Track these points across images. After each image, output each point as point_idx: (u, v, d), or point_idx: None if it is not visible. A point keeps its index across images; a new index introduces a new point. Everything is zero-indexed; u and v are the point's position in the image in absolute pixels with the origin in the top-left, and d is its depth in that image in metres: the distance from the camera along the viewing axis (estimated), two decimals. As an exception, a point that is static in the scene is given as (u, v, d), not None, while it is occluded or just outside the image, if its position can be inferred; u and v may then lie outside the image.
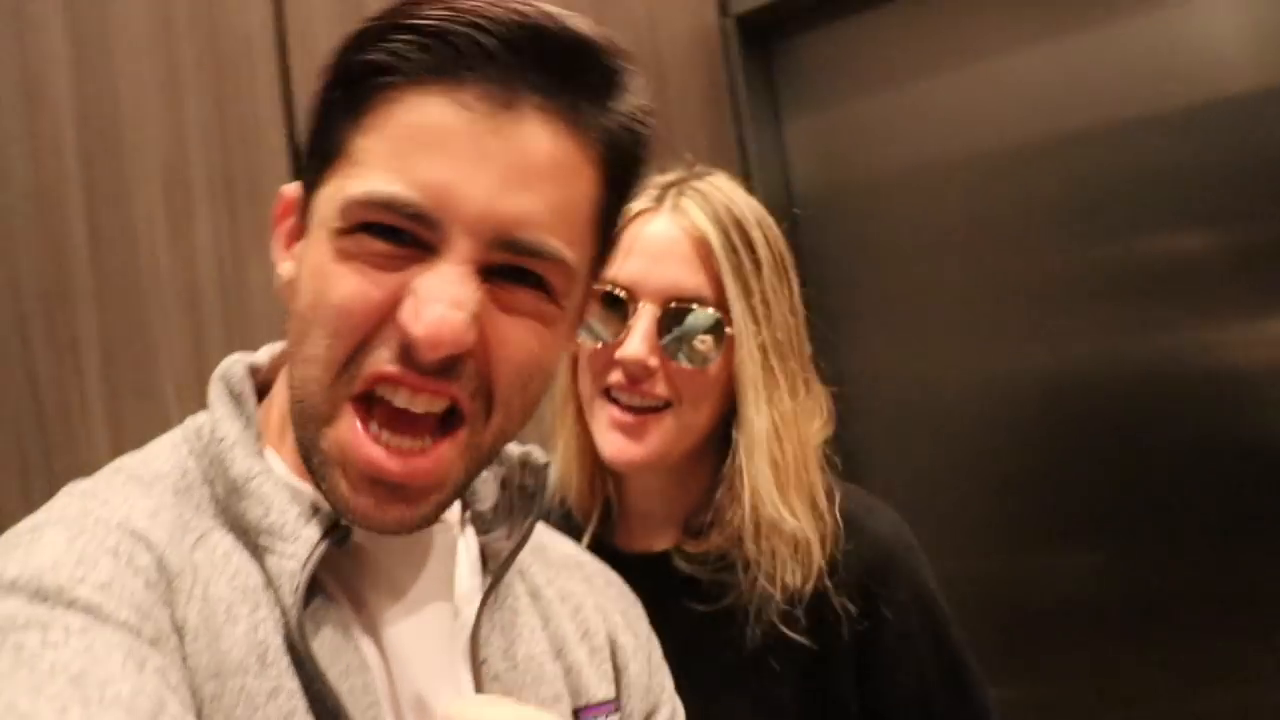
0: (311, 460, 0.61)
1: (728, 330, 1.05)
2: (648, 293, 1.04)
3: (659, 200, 1.08)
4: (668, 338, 1.05)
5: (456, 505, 0.74)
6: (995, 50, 1.72)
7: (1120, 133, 1.60)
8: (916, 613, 1.10)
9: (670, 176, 1.11)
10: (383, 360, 0.59)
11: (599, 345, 1.06)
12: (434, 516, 0.64)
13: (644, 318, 1.04)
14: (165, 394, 1.09)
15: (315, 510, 0.63)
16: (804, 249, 1.93)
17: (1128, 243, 1.61)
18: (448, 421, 0.61)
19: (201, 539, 0.62)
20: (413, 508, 0.61)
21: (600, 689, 0.77)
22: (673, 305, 1.04)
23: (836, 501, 1.08)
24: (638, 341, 1.03)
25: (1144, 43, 1.58)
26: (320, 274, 0.60)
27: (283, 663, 0.59)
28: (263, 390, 0.70)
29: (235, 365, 0.69)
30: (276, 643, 0.59)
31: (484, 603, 0.70)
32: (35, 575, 0.54)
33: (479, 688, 0.69)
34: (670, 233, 1.06)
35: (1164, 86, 1.58)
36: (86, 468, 1.02)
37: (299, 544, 0.61)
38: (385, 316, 0.59)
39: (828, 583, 1.04)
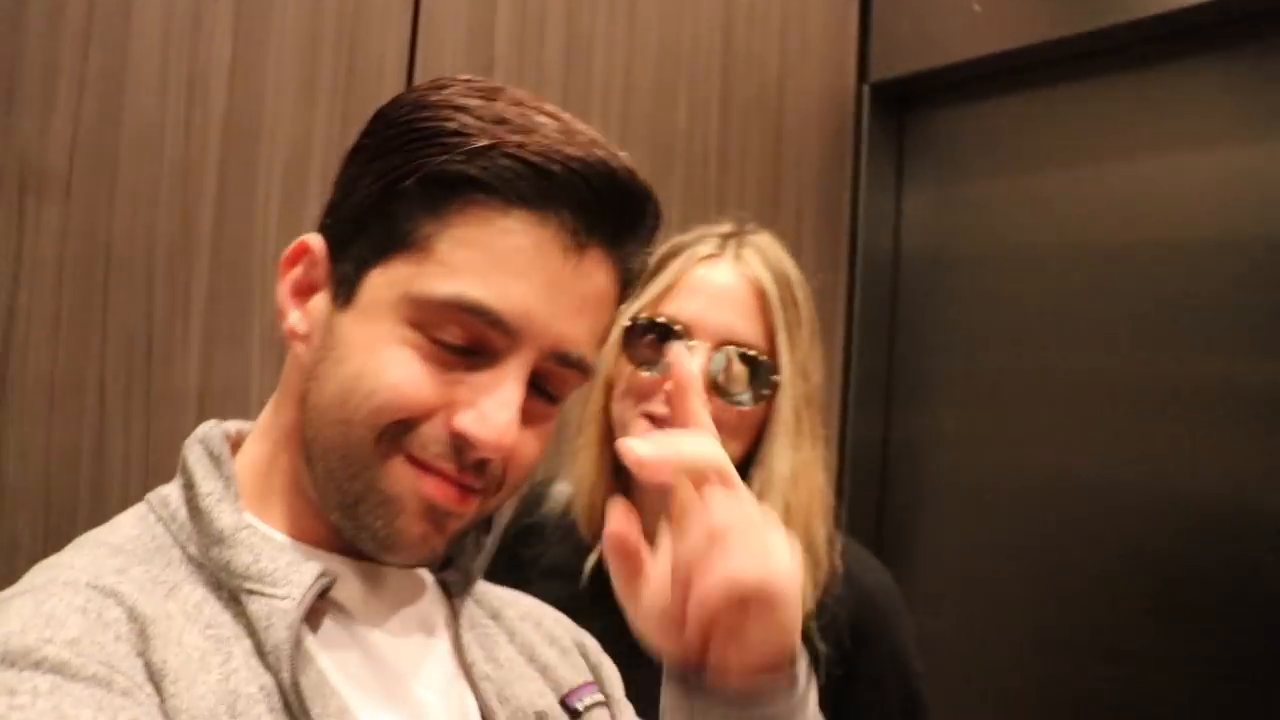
0: (363, 504, 0.66)
1: (774, 379, 1.13)
2: (706, 332, 1.12)
3: (721, 248, 1.17)
4: (719, 376, 1.12)
5: None
6: (1120, 153, 1.75)
7: (1231, 251, 1.59)
8: (893, 668, 1.17)
9: (726, 227, 1.19)
10: (433, 449, 0.65)
11: (649, 374, 1.13)
12: (441, 554, 0.70)
13: (698, 354, 1.11)
14: (252, 346, 1.33)
15: (303, 560, 0.67)
16: (900, 316, 2.00)
17: (1223, 360, 1.59)
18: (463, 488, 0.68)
19: (173, 590, 0.64)
20: (442, 537, 0.68)
21: (577, 676, 0.82)
22: (727, 347, 1.12)
23: (837, 550, 1.16)
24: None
25: (1267, 167, 1.57)
26: (372, 350, 0.65)
27: (254, 711, 0.60)
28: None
29: (213, 430, 0.73)
30: (249, 691, 0.61)
31: (458, 615, 0.76)
32: (2, 640, 0.55)
33: (474, 689, 0.73)
34: (732, 279, 1.14)
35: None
36: (177, 395, 1.27)
37: (292, 587, 0.64)
38: (432, 410, 0.64)
39: (812, 624, 1.10)
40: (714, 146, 1.82)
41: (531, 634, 0.83)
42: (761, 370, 1.13)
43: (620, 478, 1.16)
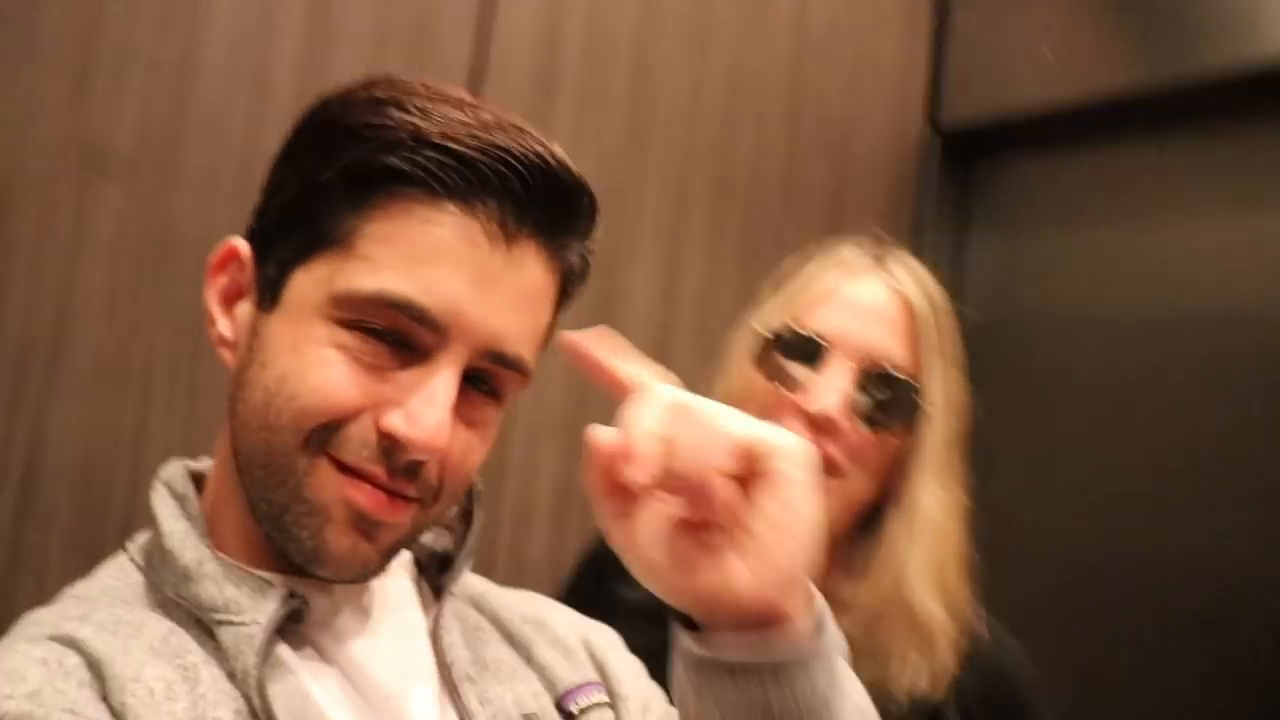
0: (288, 514, 0.64)
1: (924, 406, 1.02)
2: (849, 348, 1.01)
3: (874, 259, 1.07)
4: (861, 398, 1.00)
5: (403, 555, 0.77)
6: (1196, 214, 1.70)
7: None
8: None
9: (869, 240, 1.11)
10: (361, 453, 0.63)
11: (779, 389, 1.02)
12: (383, 566, 0.68)
13: (841, 372, 1.00)
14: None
15: (268, 585, 0.66)
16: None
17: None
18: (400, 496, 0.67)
19: (138, 628, 0.64)
20: (376, 549, 0.66)
21: (577, 676, 0.79)
22: (872, 367, 1.01)
23: (978, 615, 1.04)
24: (833, 396, 0.99)
25: None
26: (297, 352, 0.64)
27: None
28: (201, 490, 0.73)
29: (176, 469, 0.73)
30: (217, 715, 0.60)
31: (439, 614, 0.74)
32: None
33: (452, 691, 0.72)
34: (881, 294, 1.04)
35: None
36: (220, 383, 1.25)
37: (258, 613, 0.64)
38: (359, 410, 0.63)
39: (950, 700, 0.99)
40: (777, 181, 1.81)
41: (533, 635, 0.81)
42: (908, 395, 1.02)
43: None
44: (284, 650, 0.66)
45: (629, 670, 0.83)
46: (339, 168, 0.64)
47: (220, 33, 1.29)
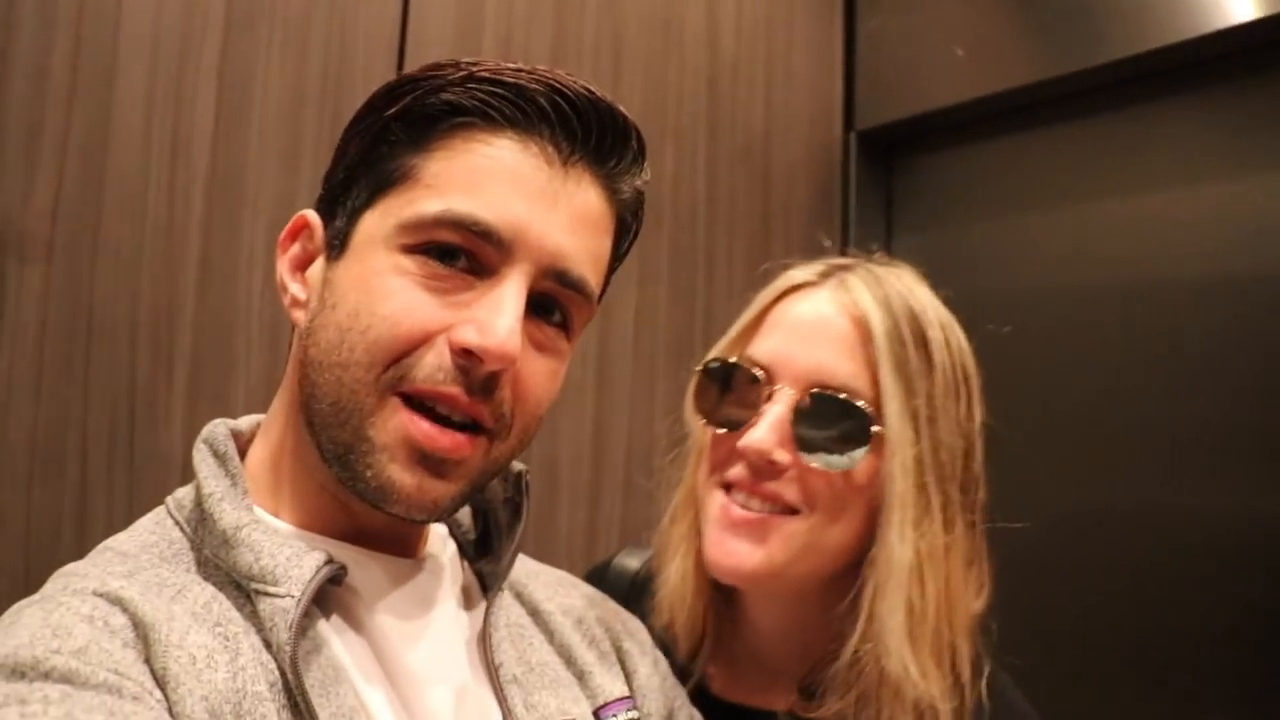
0: (352, 453, 0.66)
1: (875, 430, 0.89)
2: (789, 376, 0.91)
3: (823, 275, 0.96)
4: (804, 429, 0.89)
5: (448, 539, 0.81)
6: (1107, 192, 1.78)
7: (1223, 288, 1.61)
8: None
9: (844, 260, 0.99)
10: (436, 378, 0.65)
11: (722, 431, 0.93)
12: (456, 506, 0.69)
13: (779, 403, 0.90)
14: (236, 406, 1.33)
15: (307, 552, 0.66)
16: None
17: (1218, 399, 1.60)
18: (473, 429, 0.68)
19: (180, 592, 0.65)
20: (446, 485, 0.67)
21: (615, 688, 0.80)
22: (815, 392, 0.90)
23: (982, 679, 0.90)
24: (765, 429, 0.89)
25: (1254, 203, 1.59)
26: (366, 287, 0.66)
27: (260, 710, 0.61)
28: (243, 453, 0.75)
29: (218, 428, 0.74)
30: (256, 689, 0.61)
31: (489, 611, 0.75)
32: (12, 653, 0.57)
33: (499, 692, 0.72)
34: (827, 309, 0.93)
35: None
36: (162, 456, 1.28)
37: (292, 584, 0.64)
38: (430, 335, 0.65)
39: None
40: (702, 198, 1.85)
41: (571, 633, 0.82)
42: (856, 418, 0.89)
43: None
44: (320, 621, 0.67)
45: (654, 680, 0.85)
46: (399, 111, 0.68)
47: (131, 106, 1.30)
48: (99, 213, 1.27)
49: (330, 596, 0.68)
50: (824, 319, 0.92)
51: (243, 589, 0.66)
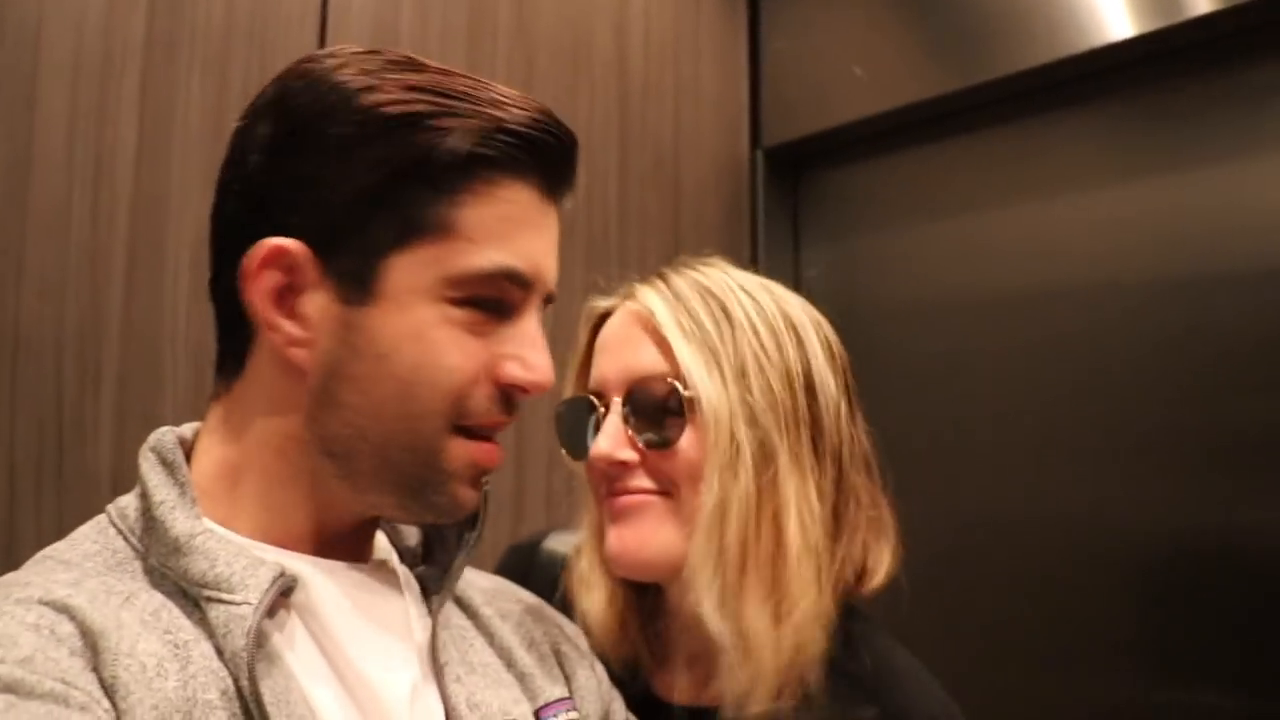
0: (428, 486, 0.74)
1: (686, 394, 0.96)
2: (612, 386, 1.00)
3: (622, 296, 1.06)
4: (634, 423, 0.98)
5: (390, 546, 0.84)
6: (1006, 201, 1.87)
7: (1119, 292, 1.70)
8: None
9: (647, 277, 1.06)
10: (492, 411, 0.75)
11: (579, 460, 1.04)
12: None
13: (612, 413, 1.00)
14: (165, 422, 1.37)
15: (260, 562, 0.68)
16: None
17: (1119, 401, 1.69)
18: None
19: (129, 599, 0.65)
20: (480, 490, 0.79)
21: (555, 689, 0.84)
22: (630, 388, 0.99)
23: (836, 628, 0.93)
24: (602, 438, 0.99)
25: (1149, 208, 1.70)
26: (422, 339, 0.71)
27: (215, 716, 0.62)
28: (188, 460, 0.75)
29: (165, 436, 0.75)
30: (207, 698, 0.62)
31: (435, 613, 0.78)
32: None
33: (443, 691, 0.75)
34: (621, 320, 1.03)
35: (1170, 253, 1.67)
36: (90, 474, 1.31)
37: (249, 591, 0.65)
38: (480, 375, 0.73)
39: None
40: (614, 214, 1.93)
41: (510, 636, 0.86)
42: (667, 396, 0.97)
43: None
44: (271, 628, 0.68)
45: (591, 682, 0.89)
46: (425, 158, 0.69)
47: (53, 129, 1.33)
48: (23, 234, 1.31)
49: (279, 604, 0.69)
50: (621, 329, 1.03)
51: (190, 596, 0.67)
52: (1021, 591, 1.76)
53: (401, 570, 0.82)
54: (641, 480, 0.98)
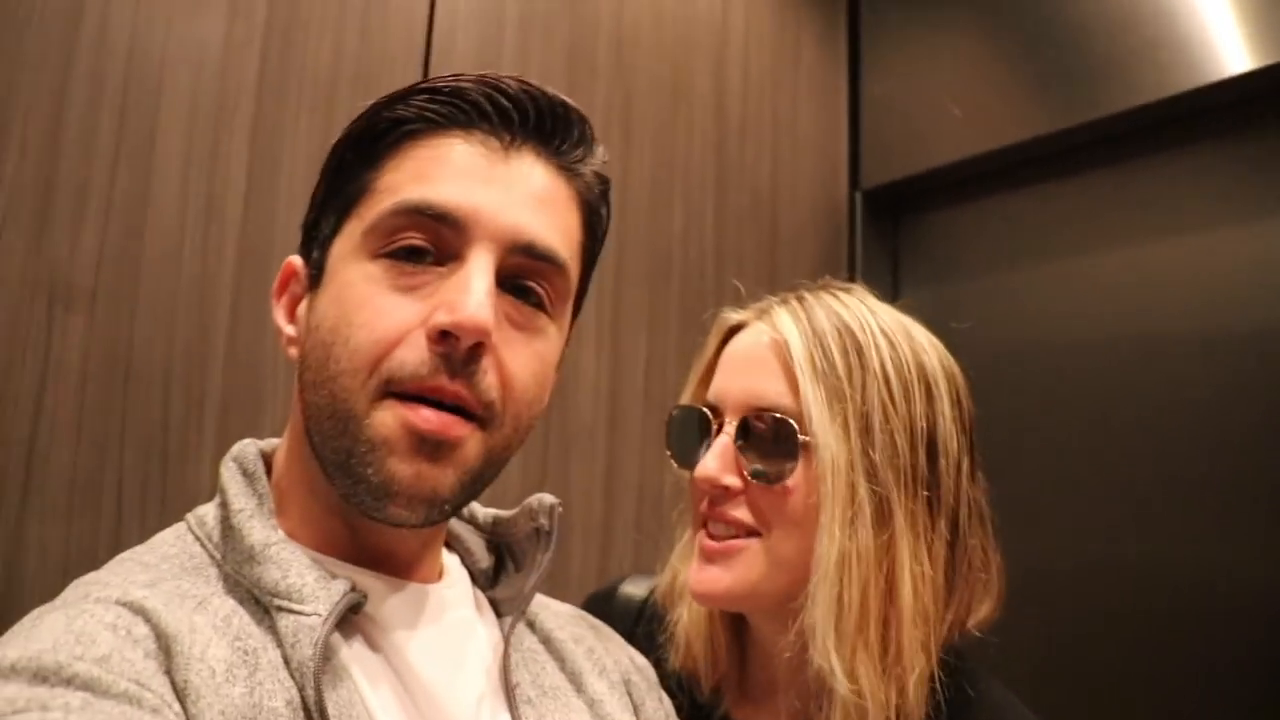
0: (353, 457, 0.68)
1: (804, 440, 0.95)
2: (730, 406, 1.00)
3: (758, 312, 1.06)
4: (745, 452, 0.98)
5: (463, 568, 0.84)
6: (1113, 244, 1.85)
7: (1233, 339, 1.66)
8: None
9: (784, 295, 1.07)
10: (421, 372, 0.67)
11: (688, 470, 1.03)
12: (455, 498, 0.71)
13: (724, 433, 0.99)
14: (262, 446, 1.45)
15: (332, 576, 0.70)
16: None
17: (1223, 452, 1.64)
18: (467, 417, 0.70)
19: (202, 604, 0.66)
20: (442, 470, 0.68)
21: (623, 717, 0.83)
22: (749, 416, 0.98)
23: (940, 680, 0.93)
24: (710, 457, 0.99)
25: (1256, 252, 1.66)
26: (341, 300, 0.70)
27: None
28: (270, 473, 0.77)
29: (248, 447, 0.77)
30: (272, 705, 0.63)
31: (509, 634, 0.78)
32: (35, 657, 0.58)
33: (514, 714, 0.75)
34: (754, 341, 1.02)
35: None
36: (192, 496, 1.38)
37: (319, 603, 0.67)
38: (407, 332, 0.68)
39: None
40: (710, 253, 1.96)
41: (582, 661, 0.85)
42: (786, 430, 0.96)
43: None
44: (339, 642, 0.69)
45: (659, 716, 0.89)
46: (349, 139, 0.75)
47: (170, 168, 1.43)
48: (138, 266, 1.40)
49: (350, 620, 0.70)
50: (752, 350, 1.02)
51: (262, 604, 0.68)
52: (1129, 634, 1.72)
53: (474, 592, 0.83)
54: (739, 511, 0.98)
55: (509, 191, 0.71)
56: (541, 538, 0.83)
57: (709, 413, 1.02)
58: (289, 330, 0.77)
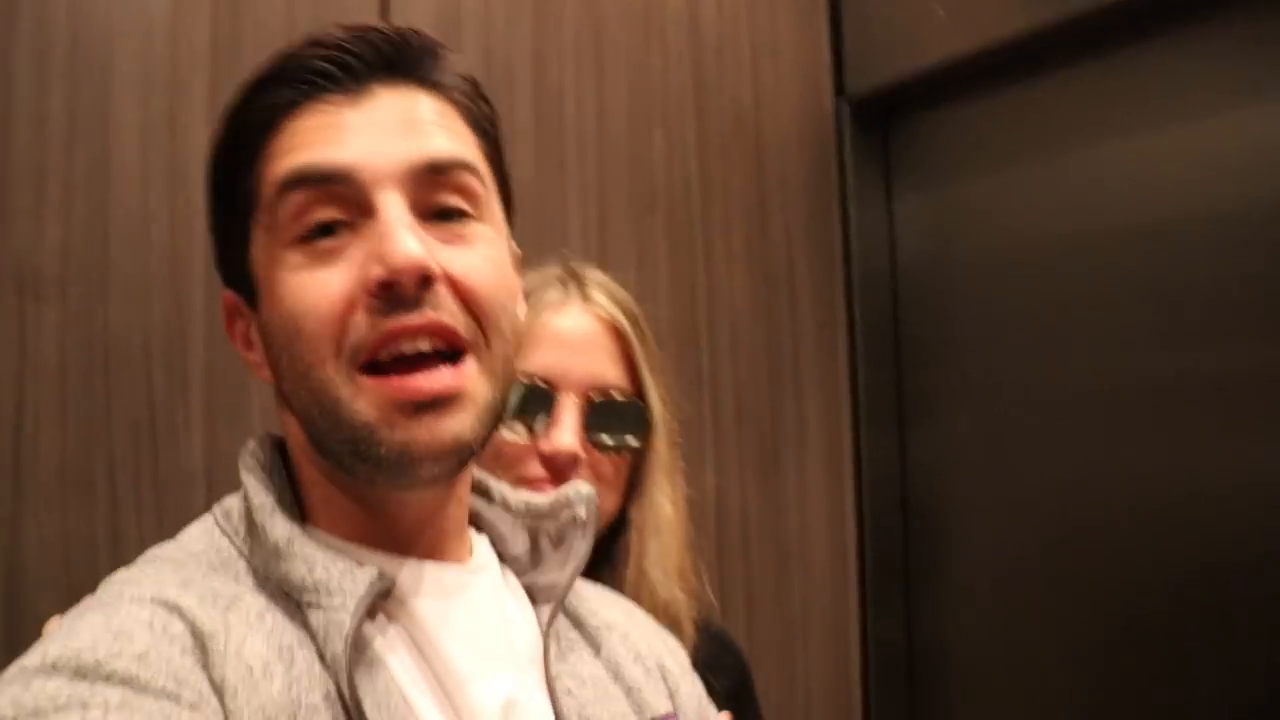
0: (360, 443, 0.68)
1: (649, 419, 1.17)
2: (570, 384, 1.13)
3: (565, 291, 1.18)
4: (595, 428, 1.14)
5: (492, 551, 0.83)
6: (1108, 135, 1.81)
7: (1239, 223, 1.62)
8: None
9: (559, 269, 1.20)
10: (377, 329, 0.67)
11: (513, 437, 1.12)
12: (478, 436, 0.71)
13: (570, 410, 1.13)
14: (252, 418, 1.46)
15: (358, 565, 0.69)
16: (904, 327, 2.09)
17: (1242, 345, 1.62)
18: (454, 357, 0.70)
19: (234, 602, 0.67)
20: (454, 416, 0.68)
21: (661, 703, 0.84)
22: (596, 396, 1.14)
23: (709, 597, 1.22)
24: (569, 434, 1.12)
25: (1255, 134, 1.62)
26: (279, 301, 0.69)
27: (319, 719, 0.63)
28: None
29: (262, 439, 0.78)
30: (311, 701, 0.63)
31: (548, 622, 0.79)
32: (75, 654, 0.59)
33: (555, 703, 0.75)
34: (587, 324, 1.16)
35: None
36: (183, 472, 1.40)
37: (346, 596, 0.67)
38: (351, 300, 0.68)
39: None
40: (695, 177, 1.94)
41: (617, 648, 0.85)
42: (636, 413, 1.17)
43: None
44: (371, 631, 0.69)
45: (692, 700, 0.89)
46: (218, 161, 0.75)
47: (129, 141, 1.42)
48: (106, 246, 1.40)
49: (380, 607, 0.71)
50: (589, 332, 1.17)
51: (293, 600, 0.69)
52: (1138, 550, 1.72)
53: (508, 577, 0.83)
54: (579, 479, 1.09)
55: (377, 129, 0.70)
56: (579, 526, 0.83)
57: (548, 387, 1.14)
58: (253, 357, 0.77)
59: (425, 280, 0.68)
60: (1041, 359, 1.88)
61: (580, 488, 0.84)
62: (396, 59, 0.73)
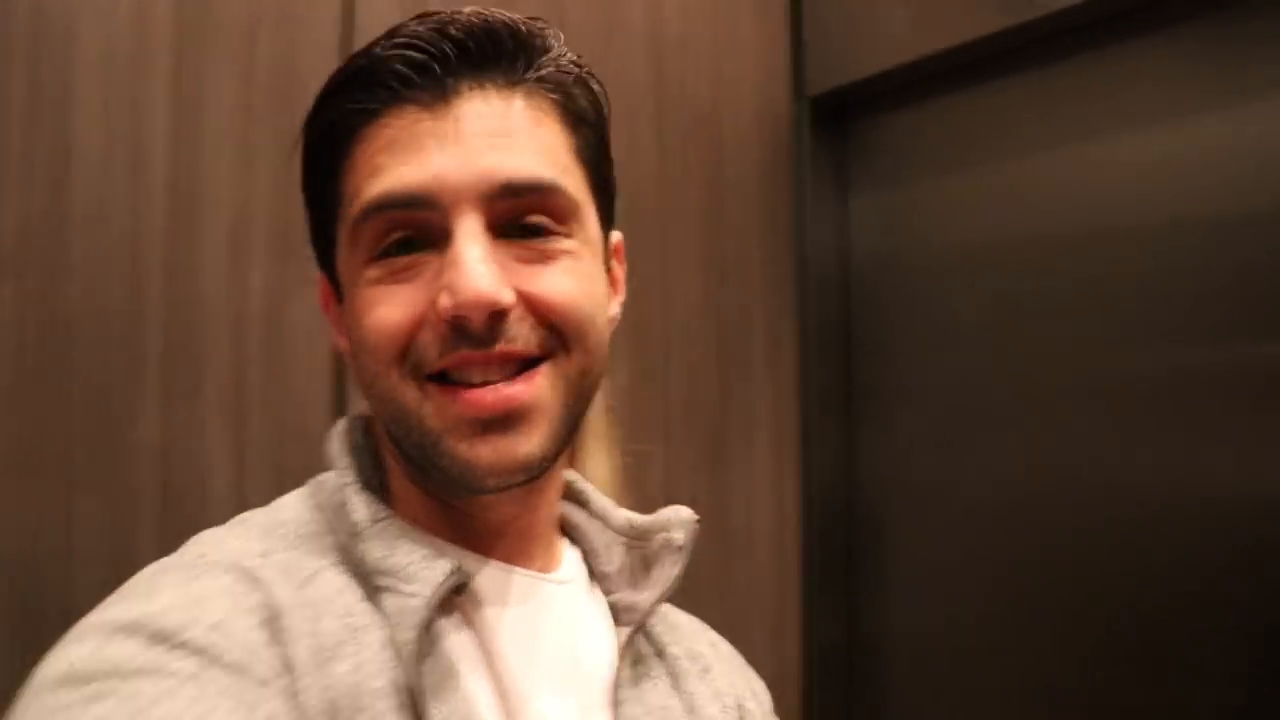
0: (427, 449, 0.69)
1: None
2: None
3: None
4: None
5: (581, 565, 0.84)
6: (1061, 140, 1.83)
7: (1189, 230, 1.65)
8: None
9: None
10: (443, 350, 0.67)
11: None
12: (548, 451, 0.70)
13: None
14: (207, 399, 1.48)
15: (439, 555, 0.69)
16: (856, 327, 2.14)
17: (1182, 345, 1.65)
18: (530, 364, 0.70)
19: (312, 577, 0.67)
20: (523, 436, 0.68)
21: None
22: None
23: None
24: None
25: (1212, 143, 1.65)
26: (355, 309, 0.71)
27: (378, 705, 0.63)
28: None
29: (354, 419, 0.78)
30: (375, 685, 0.64)
31: (625, 644, 0.77)
32: (153, 617, 0.59)
33: None
34: None
35: (1238, 187, 1.62)
36: (140, 452, 1.42)
37: (421, 584, 0.67)
38: (419, 319, 0.68)
39: None
40: (651, 176, 1.98)
41: (696, 682, 0.83)
42: None
43: None
44: (443, 625, 0.69)
45: None
46: (306, 152, 0.75)
47: (90, 122, 1.43)
48: (65, 227, 1.41)
49: (454, 603, 0.71)
50: None
51: (370, 582, 0.69)
52: (1085, 547, 1.77)
53: (595, 593, 0.82)
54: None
55: (463, 144, 0.68)
56: (672, 550, 0.81)
57: None
58: (342, 343, 0.78)
59: (497, 313, 0.68)
60: (991, 359, 1.92)
61: (681, 512, 0.82)
62: (481, 57, 0.71)
